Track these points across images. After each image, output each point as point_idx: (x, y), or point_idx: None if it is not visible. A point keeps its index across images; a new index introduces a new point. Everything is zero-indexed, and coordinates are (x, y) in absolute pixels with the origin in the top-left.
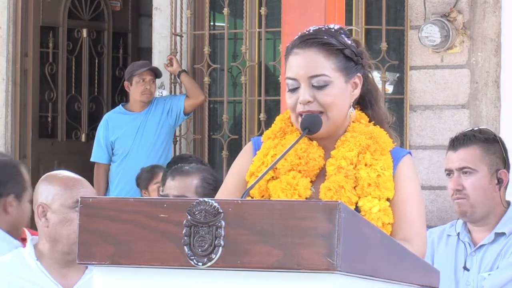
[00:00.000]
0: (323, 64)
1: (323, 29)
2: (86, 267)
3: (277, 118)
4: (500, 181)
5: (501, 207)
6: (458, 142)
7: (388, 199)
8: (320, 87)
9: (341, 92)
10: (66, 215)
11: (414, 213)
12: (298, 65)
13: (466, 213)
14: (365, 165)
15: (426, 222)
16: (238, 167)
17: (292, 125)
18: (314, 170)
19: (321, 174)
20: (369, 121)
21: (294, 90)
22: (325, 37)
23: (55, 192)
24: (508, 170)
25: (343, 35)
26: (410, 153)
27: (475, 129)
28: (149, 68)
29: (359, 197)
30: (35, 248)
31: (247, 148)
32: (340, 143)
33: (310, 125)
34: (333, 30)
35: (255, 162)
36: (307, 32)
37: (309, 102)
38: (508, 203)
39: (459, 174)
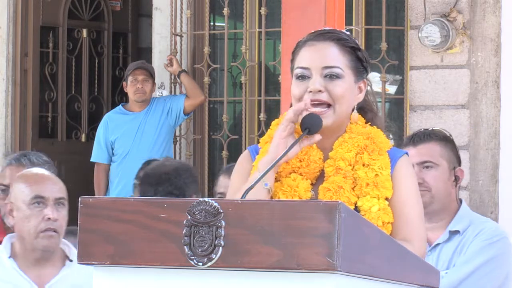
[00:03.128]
0: (338, 58)
1: (338, 29)
2: (63, 265)
3: (273, 122)
4: (456, 179)
5: (455, 204)
6: (418, 138)
7: (386, 199)
8: (332, 79)
9: (350, 89)
10: (25, 211)
11: (413, 214)
12: (313, 55)
13: (424, 203)
14: (363, 165)
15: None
16: (240, 173)
17: None
18: (315, 173)
19: (321, 176)
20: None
21: (303, 79)
22: (342, 34)
23: (18, 190)
24: None
25: (355, 39)
26: (407, 153)
27: (430, 129)
28: (140, 67)
29: (358, 197)
30: (12, 246)
31: (245, 155)
32: (338, 144)
33: (310, 125)
34: (346, 32)
35: (256, 166)
36: (326, 29)
37: (319, 91)
38: (460, 201)
39: (420, 169)
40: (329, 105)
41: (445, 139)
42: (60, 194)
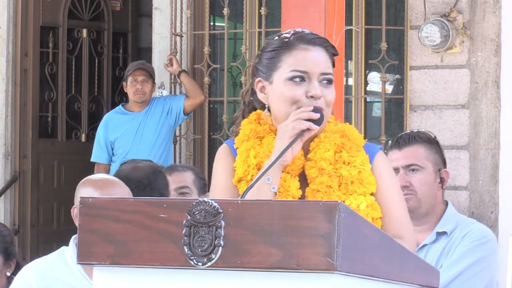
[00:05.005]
0: (329, 64)
1: (314, 33)
2: None
3: (244, 122)
4: (442, 180)
5: (441, 206)
6: (403, 141)
7: (372, 194)
8: (327, 85)
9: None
10: None
11: (398, 210)
12: (310, 60)
13: (412, 208)
14: (344, 163)
15: None
16: (224, 169)
17: (261, 125)
18: (299, 169)
19: (302, 176)
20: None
21: (299, 82)
22: (326, 40)
23: (86, 194)
24: None
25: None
26: (381, 148)
27: (415, 131)
28: (140, 67)
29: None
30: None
31: (225, 151)
32: (315, 145)
33: (311, 120)
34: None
35: (240, 167)
36: (308, 31)
37: (320, 97)
38: (446, 202)
39: (406, 172)
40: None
41: (430, 141)
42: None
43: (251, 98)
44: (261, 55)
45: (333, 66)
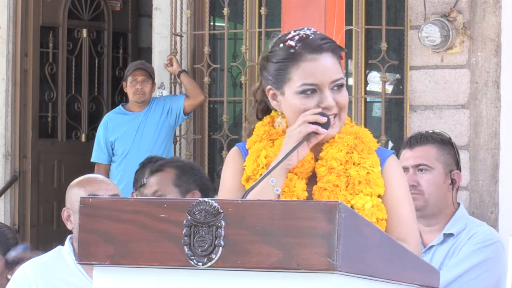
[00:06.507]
0: (338, 68)
1: (318, 32)
2: None
3: (258, 124)
4: (453, 182)
5: (452, 207)
6: (415, 140)
7: (379, 196)
8: (338, 90)
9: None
10: None
11: (406, 213)
12: (319, 70)
13: (418, 208)
14: (354, 164)
15: None
16: (233, 171)
17: (274, 128)
18: (308, 173)
19: (312, 177)
20: None
21: (310, 94)
22: (333, 42)
23: (74, 194)
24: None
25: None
26: (394, 153)
27: (430, 131)
28: (140, 67)
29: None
30: (74, 249)
31: (235, 152)
32: (328, 144)
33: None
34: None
35: (249, 166)
36: (312, 36)
37: (334, 106)
38: (459, 204)
39: (415, 171)
40: (335, 114)
41: (443, 142)
42: (114, 192)
43: (266, 98)
44: (268, 64)
45: (342, 58)
